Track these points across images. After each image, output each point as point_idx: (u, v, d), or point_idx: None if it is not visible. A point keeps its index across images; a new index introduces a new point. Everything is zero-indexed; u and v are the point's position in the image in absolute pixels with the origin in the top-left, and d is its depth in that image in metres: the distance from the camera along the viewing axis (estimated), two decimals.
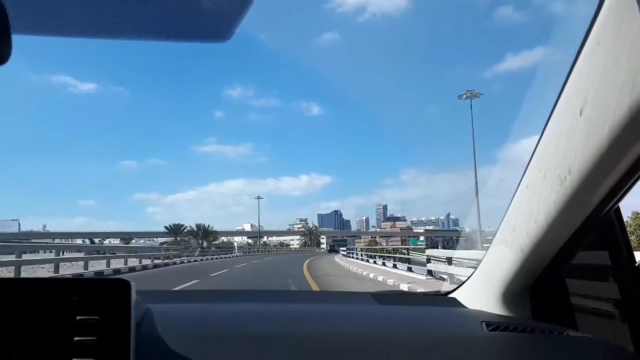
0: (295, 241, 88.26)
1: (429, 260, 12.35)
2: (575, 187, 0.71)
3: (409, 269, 14.23)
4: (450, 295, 1.25)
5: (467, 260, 8.37)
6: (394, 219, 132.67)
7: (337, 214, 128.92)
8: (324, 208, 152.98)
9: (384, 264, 17.65)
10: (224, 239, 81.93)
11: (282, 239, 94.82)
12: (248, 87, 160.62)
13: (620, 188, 0.69)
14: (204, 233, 49.90)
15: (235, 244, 67.88)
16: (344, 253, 31.68)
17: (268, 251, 40.44)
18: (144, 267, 17.39)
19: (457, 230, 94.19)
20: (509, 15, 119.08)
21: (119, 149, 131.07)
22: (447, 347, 0.81)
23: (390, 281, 11.40)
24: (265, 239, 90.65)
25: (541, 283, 0.96)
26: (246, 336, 0.81)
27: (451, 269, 9.56)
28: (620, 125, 0.57)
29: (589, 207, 0.74)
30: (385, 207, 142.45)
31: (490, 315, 1.02)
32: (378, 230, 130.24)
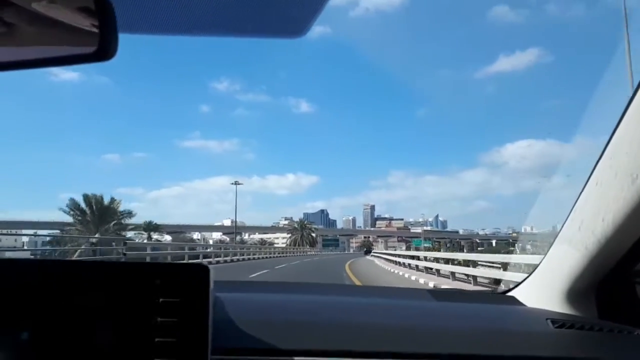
0: (281, 239, 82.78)
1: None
2: (631, 203, 0.78)
3: None
4: (509, 294, 1.32)
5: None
6: (386, 218, 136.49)
7: (323, 213, 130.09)
8: (310, 207, 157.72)
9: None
10: (195, 235, 76.58)
11: (265, 236, 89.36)
12: (235, 81, 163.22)
13: None
14: (150, 228, 44.14)
15: (211, 241, 63.21)
16: (388, 257, 29.47)
17: (234, 254, 27.58)
18: None
19: (457, 232, 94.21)
20: (505, 15, 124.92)
21: (102, 141, 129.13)
22: (513, 343, 0.88)
23: None
24: (245, 235, 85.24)
25: (608, 282, 1.02)
26: (313, 324, 0.91)
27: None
28: None
29: None
30: (372, 208, 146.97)
31: (553, 313, 1.08)
32: (372, 229, 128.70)
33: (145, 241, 35.83)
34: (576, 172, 1.10)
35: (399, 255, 26.35)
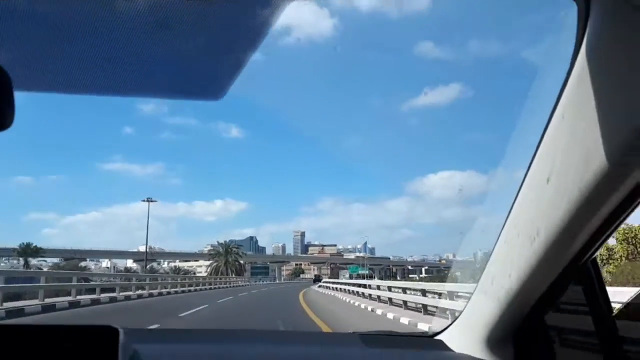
0: (204, 267, 76.96)
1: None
2: (544, 247, 0.89)
3: None
4: (437, 338, 1.41)
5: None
6: (317, 245, 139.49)
7: (252, 240, 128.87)
8: (237, 235, 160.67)
9: None
10: (104, 264, 69.23)
11: (187, 264, 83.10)
12: (162, 103, 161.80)
13: (592, 244, 0.87)
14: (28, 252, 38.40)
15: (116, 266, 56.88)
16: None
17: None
18: None
19: (388, 259, 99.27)
20: (430, 51, 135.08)
21: (13, 162, 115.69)
22: None
23: None
24: (164, 264, 78.64)
25: (524, 329, 1.12)
26: None
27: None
28: (580, 196, 0.75)
29: (561, 263, 0.91)
30: (303, 234, 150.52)
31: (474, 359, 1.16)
32: (304, 255, 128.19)
33: (21, 268, 30.54)
34: (495, 215, 1.22)
35: (352, 284, 27.95)
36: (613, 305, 1.00)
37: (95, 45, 0.69)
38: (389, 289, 18.27)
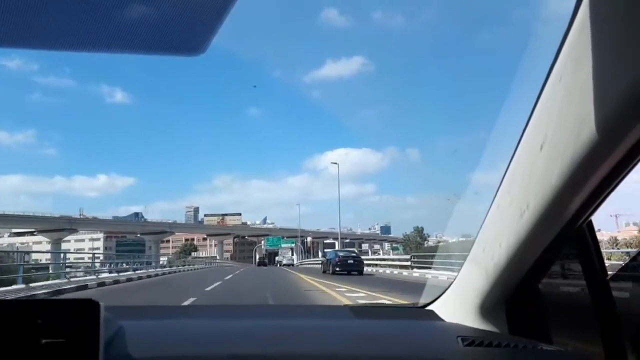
0: (45, 244, 71.51)
1: None
2: (537, 214, 1.03)
3: None
4: (428, 308, 1.60)
5: None
6: (217, 214, 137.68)
7: (137, 216, 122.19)
8: (124, 212, 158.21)
9: None
10: None
11: (20, 240, 76.91)
12: (31, 59, 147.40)
13: (587, 209, 1.01)
14: None
15: None
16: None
17: None
18: None
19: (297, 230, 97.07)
20: (334, 20, 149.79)
21: None
22: None
23: None
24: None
25: (517, 297, 1.28)
26: (216, 356, 1.03)
27: None
28: (572, 162, 0.88)
29: (554, 229, 1.06)
30: (197, 210, 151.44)
31: (467, 329, 1.33)
32: (198, 224, 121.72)
33: None
34: (486, 189, 1.35)
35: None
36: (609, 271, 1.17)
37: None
38: None
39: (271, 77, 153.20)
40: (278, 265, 71.49)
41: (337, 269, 25.33)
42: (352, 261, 26.28)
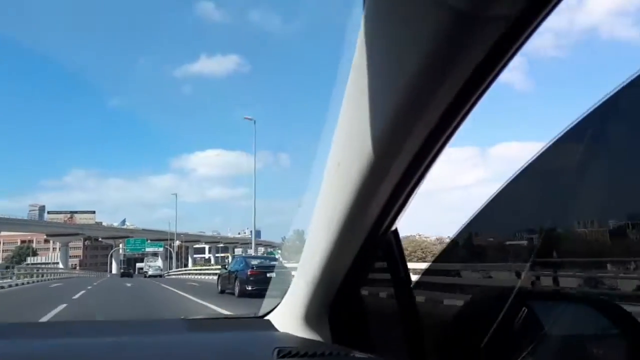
0: None
1: None
2: (340, 228, 1.19)
3: None
4: (266, 318, 1.72)
5: None
6: (64, 212, 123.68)
7: None
8: None
9: None
10: None
11: None
12: None
13: (385, 218, 1.18)
14: None
15: None
16: None
17: None
18: None
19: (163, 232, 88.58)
20: (210, 13, 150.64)
21: None
22: None
23: None
24: None
25: (338, 305, 1.43)
26: None
27: None
28: (360, 177, 1.05)
29: (358, 239, 1.22)
30: (42, 209, 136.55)
31: (293, 339, 1.47)
32: (35, 221, 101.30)
33: None
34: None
35: None
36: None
37: None
38: None
39: (136, 65, 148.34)
40: (144, 276, 60.77)
41: (249, 287, 15.37)
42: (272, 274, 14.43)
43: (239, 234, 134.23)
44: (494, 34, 0.74)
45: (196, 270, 53.34)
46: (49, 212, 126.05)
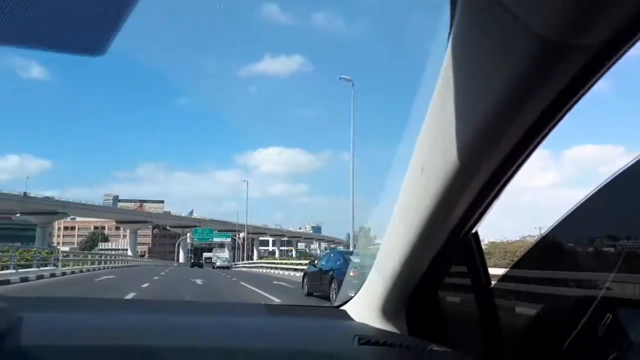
0: None
1: None
2: (419, 230, 1.24)
3: None
4: (342, 308, 1.82)
5: None
6: (134, 200, 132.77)
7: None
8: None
9: None
10: None
11: None
12: None
13: (467, 221, 1.23)
14: None
15: None
16: None
17: None
18: None
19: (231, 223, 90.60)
20: (276, 16, 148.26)
21: None
22: None
23: None
24: None
25: (416, 301, 1.50)
26: (115, 350, 1.11)
27: None
28: (444, 183, 1.10)
29: (438, 241, 1.28)
30: (116, 198, 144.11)
31: (370, 329, 1.55)
32: (98, 206, 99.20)
33: None
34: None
35: None
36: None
37: None
38: None
39: (203, 66, 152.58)
40: (212, 266, 62.48)
41: (352, 292, 10.16)
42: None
43: (299, 229, 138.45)
44: (580, 60, 0.78)
45: (268, 263, 50.96)
46: (119, 200, 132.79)
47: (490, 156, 1.01)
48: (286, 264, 42.24)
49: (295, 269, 33.99)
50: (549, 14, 0.73)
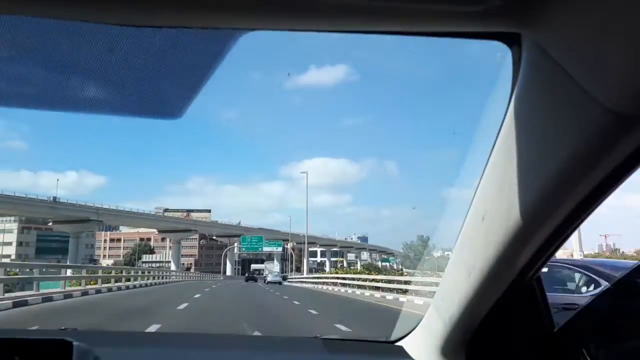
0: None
1: None
2: (481, 277, 1.25)
3: None
4: (398, 344, 1.83)
5: None
6: (182, 209, 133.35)
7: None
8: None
9: None
10: None
11: None
12: None
13: (529, 270, 1.23)
14: None
15: None
16: None
17: None
18: None
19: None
20: None
21: None
22: None
23: None
24: None
25: (475, 341, 1.49)
26: None
27: None
28: (506, 233, 1.11)
29: (499, 288, 1.27)
30: (166, 211, 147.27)
31: None
32: (136, 213, 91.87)
33: None
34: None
35: None
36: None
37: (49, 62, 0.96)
38: None
39: (250, 79, 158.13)
40: (264, 281, 56.55)
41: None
42: None
43: (345, 239, 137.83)
44: None
45: (335, 278, 38.86)
46: (166, 210, 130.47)
47: (555, 213, 1.01)
48: (367, 279, 30.33)
49: (398, 290, 23.49)
50: (620, 88, 0.75)
